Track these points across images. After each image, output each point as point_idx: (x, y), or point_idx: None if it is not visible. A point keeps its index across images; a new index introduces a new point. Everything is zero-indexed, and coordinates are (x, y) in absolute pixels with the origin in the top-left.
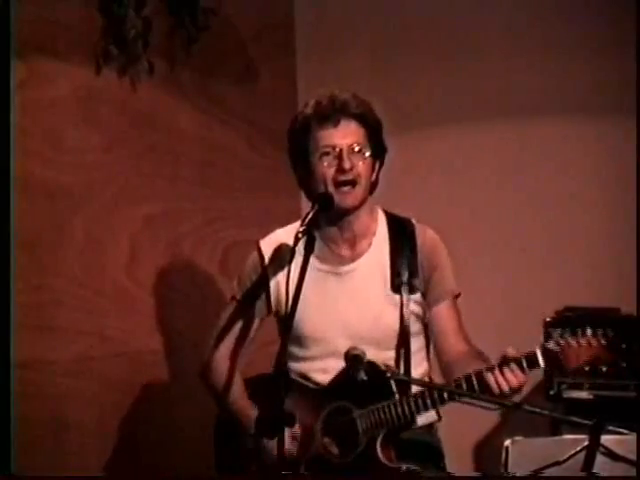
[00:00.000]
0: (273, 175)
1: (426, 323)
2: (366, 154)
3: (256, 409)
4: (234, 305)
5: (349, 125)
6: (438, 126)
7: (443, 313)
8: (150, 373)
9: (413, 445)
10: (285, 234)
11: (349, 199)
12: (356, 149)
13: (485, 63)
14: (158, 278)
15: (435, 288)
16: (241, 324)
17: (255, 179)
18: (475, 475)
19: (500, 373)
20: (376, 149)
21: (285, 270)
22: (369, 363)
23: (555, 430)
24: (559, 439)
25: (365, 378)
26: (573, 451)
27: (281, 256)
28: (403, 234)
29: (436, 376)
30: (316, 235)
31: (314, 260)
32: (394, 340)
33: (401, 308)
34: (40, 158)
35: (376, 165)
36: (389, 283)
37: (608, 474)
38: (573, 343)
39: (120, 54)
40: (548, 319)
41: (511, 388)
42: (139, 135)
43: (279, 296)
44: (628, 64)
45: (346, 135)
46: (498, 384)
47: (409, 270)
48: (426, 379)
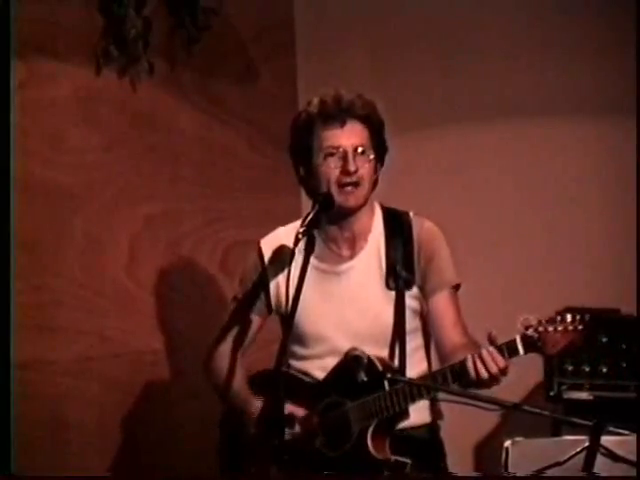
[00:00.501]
0: (273, 175)
1: (425, 319)
2: (370, 156)
3: (260, 400)
4: (235, 305)
5: (355, 126)
6: (438, 126)
7: (440, 304)
8: (150, 373)
9: (414, 443)
10: (286, 234)
11: (352, 199)
12: (360, 151)
13: (485, 63)
14: (158, 278)
15: (432, 279)
16: (242, 323)
17: (255, 179)
18: (475, 475)
19: (480, 359)
20: (379, 150)
21: (285, 270)
22: (368, 361)
23: (555, 431)
24: (559, 440)
25: (365, 379)
26: (573, 452)
27: (281, 256)
28: (399, 227)
29: None
30: (316, 235)
31: (313, 259)
32: (392, 337)
33: (396, 304)
34: (40, 158)
35: (378, 165)
36: (385, 279)
37: (608, 475)
38: (551, 329)
39: (120, 54)
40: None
41: (490, 375)
42: (139, 135)
43: (279, 295)
44: (628, 64)
45: (351, 136)
46: (477, 370)
47: (405, 264)
48: None
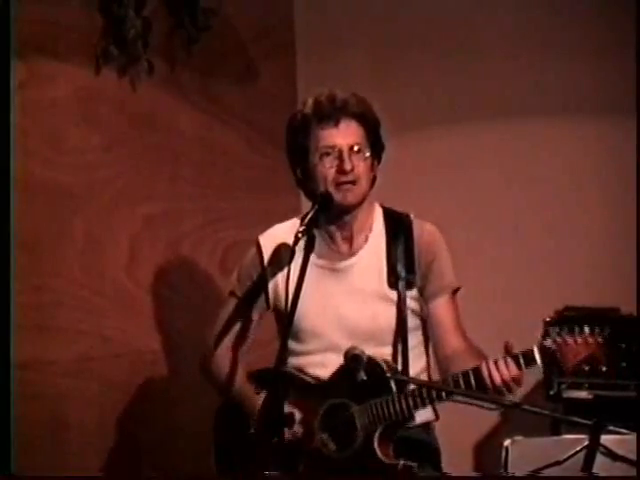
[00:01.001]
0: (273, 175)
1: (424, 318)
2: (366, 154)
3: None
4: (233, 301)
5: (349, 125)
6: (438, 126)
7: (441, 308)
8: (150, 373)
9: (410, 443)
10: (284, 231)
11: (349, 197)
12: (356, 149)
13: (485, 63)
14: (158, 278)
15: (432, 282)
16: (240, 320)
17: (255, 179)
18: (475, 475)
19: (495, 366)
20: (375, 148)
21: (284, 269)
22: (369, 361)
23: (555, 430)
24: (559, 439)
25: (365, 378)
26: (573, 451)
27: (281, 254)
28: (400, 229)
29: (435, 371)
30: (315, 233)
31: (312, 256)
32: (391, 336)
33: (398, 304)
34: (40, 158)
35: (375, 163)
36: (385, 279)
37: (608, 474)
38: (570, 341)
39: (120, 54)
40: (548, 319)
41: (505, 383)
42: (139, 135)
43: (278, 293)
44: (628, 64)
45: (346, 135)
46: (491, 377)
47: (406, 265)
48: (425, 375)
